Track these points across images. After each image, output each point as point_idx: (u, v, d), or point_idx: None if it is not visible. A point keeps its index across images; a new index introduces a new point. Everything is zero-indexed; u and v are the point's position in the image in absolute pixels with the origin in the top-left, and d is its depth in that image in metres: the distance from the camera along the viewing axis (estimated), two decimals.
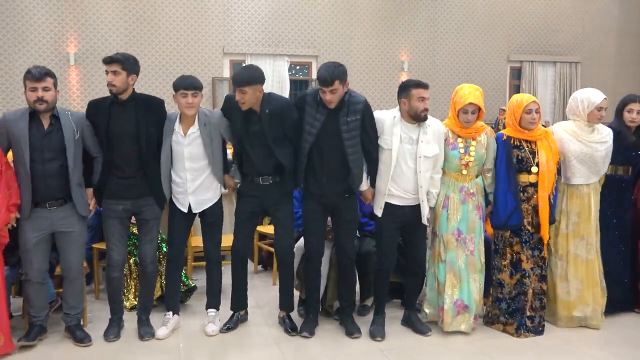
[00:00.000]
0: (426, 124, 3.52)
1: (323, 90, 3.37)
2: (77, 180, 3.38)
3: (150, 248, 3.64)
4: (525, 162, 3.67)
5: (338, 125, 3.43)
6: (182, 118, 3.56)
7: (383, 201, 3.56)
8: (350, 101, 3.45)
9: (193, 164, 3.55)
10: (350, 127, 3.44)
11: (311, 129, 3.46)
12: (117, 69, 3.36)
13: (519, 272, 3.73)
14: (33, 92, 3.23)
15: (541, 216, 3.66)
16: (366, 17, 11.48)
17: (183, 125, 3.54)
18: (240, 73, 3.49)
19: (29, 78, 3.24)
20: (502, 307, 3.79)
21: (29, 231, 3.31)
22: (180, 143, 3.53)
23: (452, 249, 3.66)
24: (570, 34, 12.68)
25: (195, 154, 3.54)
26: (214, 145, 3.56)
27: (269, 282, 4.82)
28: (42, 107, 3.25)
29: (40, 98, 3.23)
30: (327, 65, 3.41)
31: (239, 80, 3.40)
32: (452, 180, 3.67)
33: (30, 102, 3.25)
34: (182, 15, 10.56)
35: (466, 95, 3.55)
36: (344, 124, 3.43)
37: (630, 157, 3.93)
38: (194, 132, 3.53)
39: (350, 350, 3.51)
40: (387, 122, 3.51)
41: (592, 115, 3.73)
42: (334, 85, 3.34)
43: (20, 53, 9.80)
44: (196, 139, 3.52)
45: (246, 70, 3.54)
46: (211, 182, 3.62)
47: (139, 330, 3.66)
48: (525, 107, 3.63)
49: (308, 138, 3.48)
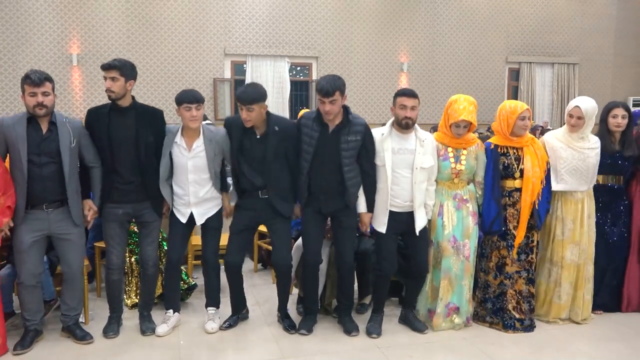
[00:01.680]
0: (422, 137, 3.57)
1: (322, 102, 3.41)
2: (74, 187, 3.38)
3: (152, 250, 3.68)
4: (511, 168, 3.75)
5: (339, 143, 3.49)
6: (185, 131, 3.61)
7: (385, 218, 3.59)
8: (352, 122, 3.51)
9: (196, 177, 3.60)
10: (350, 147, 3.50)
11: (308, 148, 3.52)
12: (115, 75, 3.40)
13: (502, 274, 3.82)
14: (33, 97, 3.22)
15: (521, 219, 3.75)
16: (366, 18, 11.54)
17: (186, 139, 3.60)
18: (246, 92, 3.49)
19: (28, 83, 3.22)
20: (488, 307, 3.89)
21: (25, 232, 3.30)
22: (183, 156, 3.58)
23: (448, 256, 3.72)
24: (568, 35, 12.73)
25: (199, 167, 3.59)
26: (215, 160, 3.63)
27: (269, 280, 4.88)
28: (42, 112, 3.25)
29: (40, 103, 3.23)
30: (326, 77, 3.47)
31: (246, 98, 3.44)
32: (444, 188, 3.74)
33: (30, 107, 3.24)
34: (184, 16, 10.62)
35: (460, 110, 3.58)
36: (345, 142, 3.49)
37: (617, 166, 3.97)
38: (199, 146, 3.58)
39: (347, 347, 3.57)
40: (377, 139, 3.57)
41: (567, 122, 3.85)
42: (335, 95, 3.38)
43: (23, 54, 9.86)
44: (200, 152, 3.58)
45: (252, 88, 3.54)
46: (212, 195, 3.69)
47: (141, 325, 3.72)
48: (520, 114, 3.69)
49: (306, 156, 3.54)
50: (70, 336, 3.57)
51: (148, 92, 10.37)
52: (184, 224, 3.68)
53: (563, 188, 3.83)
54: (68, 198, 3.34)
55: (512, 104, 3.76)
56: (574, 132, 3.83)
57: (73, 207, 3.38)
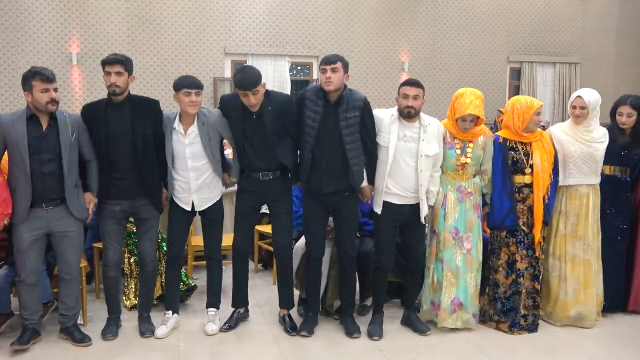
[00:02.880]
0: (425, 122, 3.54)
1: (324, 69, 3.41)
2: (72, 183, 3.35)
3: (150, 247, 3.66)
4: (520, 163, 3.71)
5: (337, 121, 3.46)
6: (182, 117, 3.58)
7: (382, 199, 3.58)
8: (350, 97, 3.48)
9: (195, 163, 3.57)
10: (349, 123, 3.46)
11: (313, 123, 3.49)
12: (120, 69, 3.38)
13: (514, 272, 3.77)
14: (45, 93, 3.20)
15: (535, 217, 3.70)
16: (367, 17, 11.51)
17: (183, 124, 3.57)
18: (247, 76, 3.42)
19: (40, 79, 3.19)
20: (497, 307, 3.83)
21: (25, 231, 3.27)
22: (181, 142, 3.56)
23: (449, 247, 3.69)
24: (570, 34, 12.69)
25: (197, 152, 3.56)
26: (212, 144, 3.58)
27: (269, 281, 4.85)
28: (54, 107, 3.26)
29: (53, 99, 3.23)
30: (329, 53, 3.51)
31: (249, 83, 3.39)
32: (449, 179, 3.70)
33: (42, 103, 3.21)
34: (184, 15, 10.59)
35: (467, 104, 3.54)
36: (343, 119, 3.46)
37: (625, 158, 3.94)
38: (193, 130, 3.55)
39: (349, 349, 3.53)
40: (386, 120, 3.54)
41: (571, 113, 3.80)
42: (337, 64, 3.40)
43: (23, 53, 9.82)
44: (195, 137, 3.55)
45: (249, 71, 3.48)
46: (212, 180, 3.66)
47: (140, 327, 3.69)
48: (537, 109, 3.65)
49: (311, 132, 3.49)
50: (68, 338, 3.54)
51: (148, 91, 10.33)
52: (185, 213, 3.66)
53: (571, 182, 3.79)
54: (65, 194, 3.31)
55: (527, 100, 3.69)
56: (579, 123, 3.78)
57: (71, 203, 3.35)
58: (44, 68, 3.28)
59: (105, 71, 3.40)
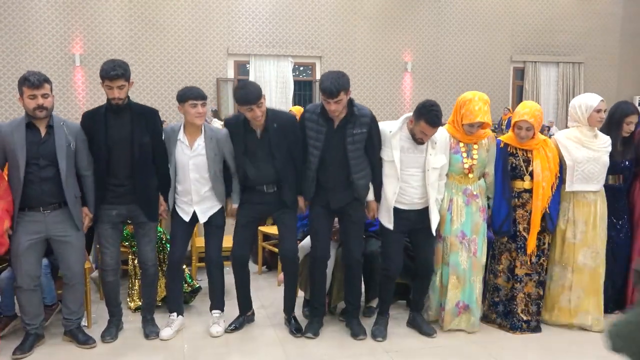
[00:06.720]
0: (434, 140, 3.48)
1: (327, 102, 3.34)
2: (72, 191, 3.33)
3: (150, 250, 3.64)
4: (519, 169, 3.70)
5: (344, 137, 3.43)
6: (187, 128, 3.58)
7: (392, 215, 3.54)
8: (357, 114, 3.45)
9: (197, 175, 3.57)
10: (356, 140, 3.44)
11: (316, 143, 3.47)
12: (122, 83, 3.35)
13: (513, 277, 3.77)
14: (32, 99, 3.18)
15: (532, 225, 3.69)
16: (370, 18, 11.49)
17: (188, 136, 3.57)
18: (249, 91, 3.40)
19: (27, 86, 3.17)
20: (499, 310, 3.84)
21: (21, 235, 3.25)
22: (185, 154, 3.55)
23: (455, 252, 3.67)
24: (573, 34, 12.67)
25: (201, 165, 3.56)
26: (216, 160, 3.59)
27: (274, 282, 4.83)
28: (42, 114, 3.21)
29: (41, 105, 3.19)
30: (330, 76, 3.33)
31: (253, 97, 3.37)
32: (455, 183, 3.68)
33: (30, 109, 3.20)
34: (187, 16, 10.59)
35: (476, 112, 3.50)
36: (350, 135, 3.43)
37: (619, 167, 3.94)
38: (200, 144, 3.55)
39: (354, 351, 3.52)
40: (387, 135, 3.51)
41: (592, 118, 3.74)
42: (339, 96, 3.31)
43: (26, 54, 9.85)
44: (201, 151, 3.55)
45: (251, 86, 3.47)
46: (212, 195, 3.65)
47: (144, 329, 3.68)
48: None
49: (314, 152, 3.48)
50: (72, 340, 3.53)
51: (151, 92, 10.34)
52: (186, 222, 3.66)
53: (577, 188, 3.77)
54: (67, 201, 3.30)
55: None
56: (598, 128, 3.80)
57: (74, 211, 3.34)
58: (34, 73, 3.23)
59: (105, 85, 3.36)
